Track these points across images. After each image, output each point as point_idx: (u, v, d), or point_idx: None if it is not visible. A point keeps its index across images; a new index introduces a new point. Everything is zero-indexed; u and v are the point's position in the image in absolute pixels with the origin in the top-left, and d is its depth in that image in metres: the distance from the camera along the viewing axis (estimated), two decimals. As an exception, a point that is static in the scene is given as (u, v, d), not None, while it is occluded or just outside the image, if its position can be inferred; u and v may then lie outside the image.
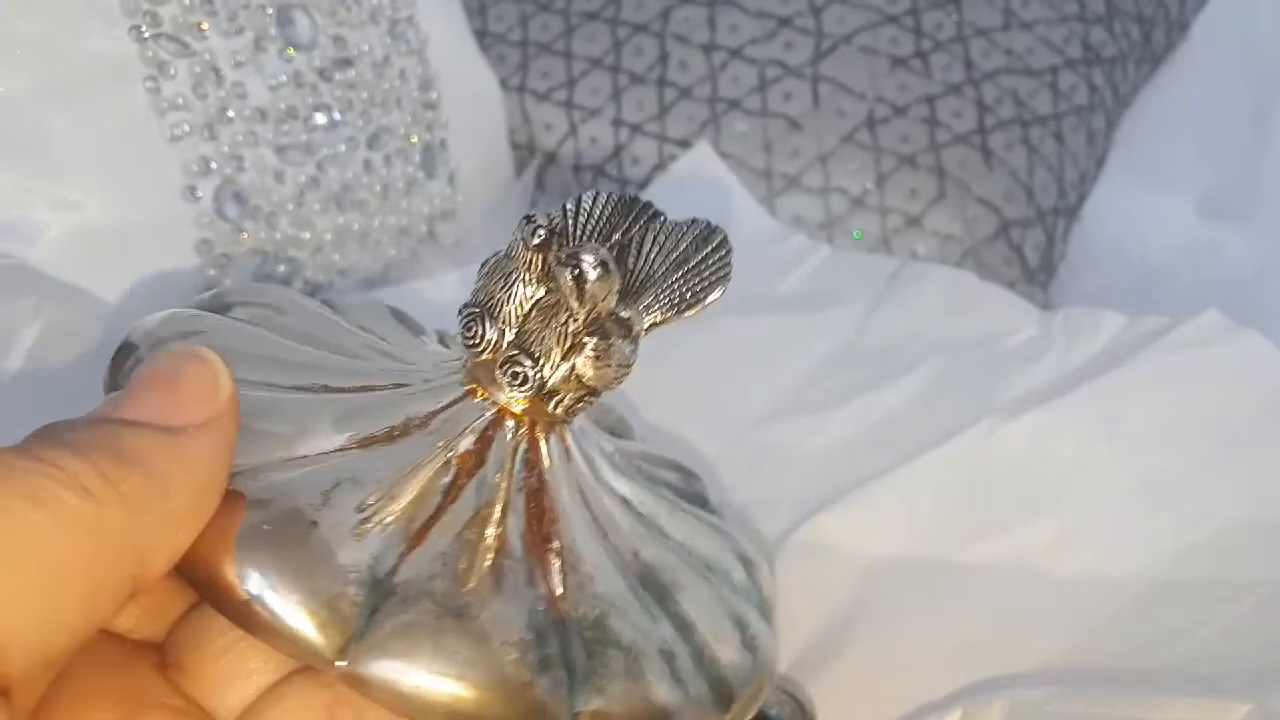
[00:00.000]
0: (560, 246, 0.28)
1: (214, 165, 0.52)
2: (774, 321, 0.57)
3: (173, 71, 0.51)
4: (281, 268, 0.55)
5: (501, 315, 0.28)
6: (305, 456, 0.27)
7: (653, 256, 0.29)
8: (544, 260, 0.28)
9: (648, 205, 0.30)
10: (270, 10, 0.54)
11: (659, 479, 0.35)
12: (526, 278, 0.28)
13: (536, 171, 0.71)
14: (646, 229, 0.30)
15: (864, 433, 0.49)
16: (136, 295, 0.49)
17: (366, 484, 0.26)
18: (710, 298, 0.30)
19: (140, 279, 0.50)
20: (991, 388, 0.50)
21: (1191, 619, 0.41)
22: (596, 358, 0.28)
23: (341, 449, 0.27)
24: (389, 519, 0.26)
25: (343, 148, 0.57)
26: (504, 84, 0.72)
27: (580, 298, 0.27)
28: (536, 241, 0.28)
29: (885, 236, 0.68)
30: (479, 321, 0.28)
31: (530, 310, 0.28)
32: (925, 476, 0.46)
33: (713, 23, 0.72)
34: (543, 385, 0.28)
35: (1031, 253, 0.69)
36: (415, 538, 0.26)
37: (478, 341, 0.28)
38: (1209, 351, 0.47)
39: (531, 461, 0.29)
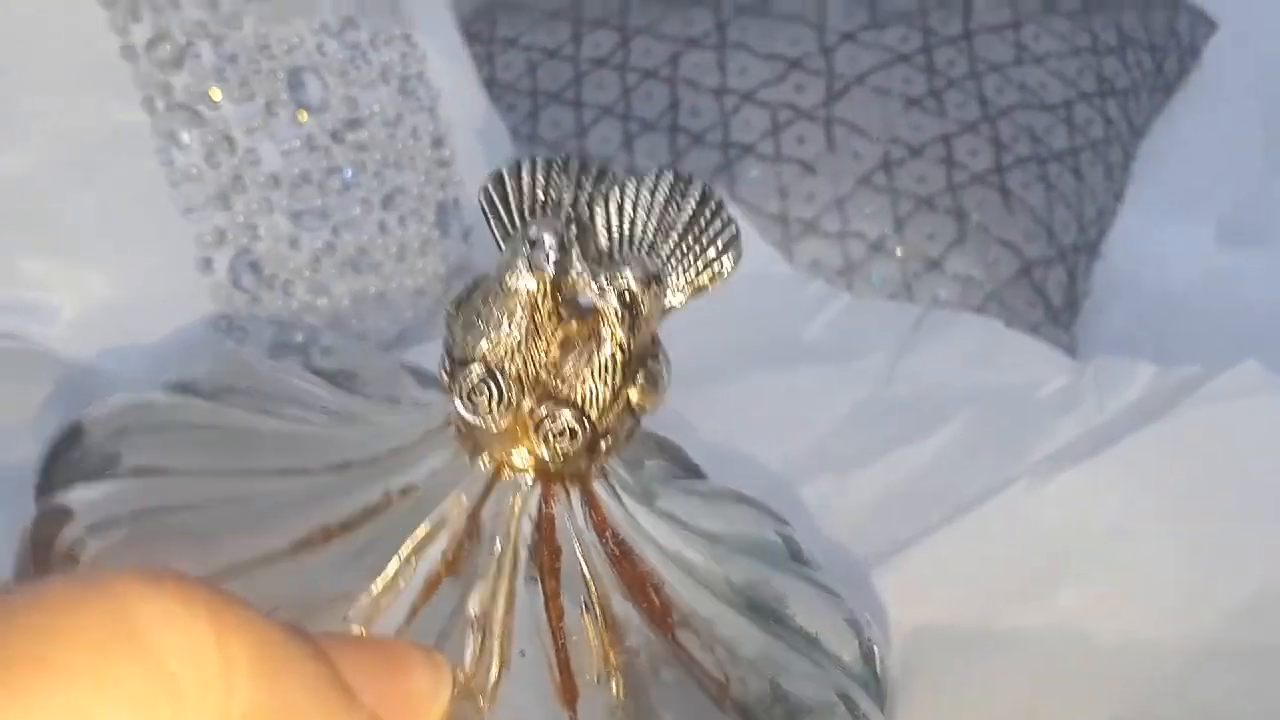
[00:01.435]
0: (583, 270, 0.22)
1: (229, 235, 0.52)
2: (797, 373, 0.56)
3: (185, 141, 0.51)
4: (299, 335, 0.54)
5: (514, 368, 0.22)
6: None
7: (629, 225, 0.23)
8: (560, 289, 0.23)
9: (586, 163, 0.24)
10: (281, 74, 0.54)
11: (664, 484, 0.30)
12: (540, 315, 0.22)
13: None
14: (600, 193, 0.23)
15: (896, 490, 0.48)
16: (153, 372, 0.48)
17: (456, 630, 0.22)
18: (726, 266, 0.23)
19: (157, 355, 0.49)
20: (1025, 442, 0.49)
21: (1240, 686, 0.40)
22: (653, 384, 0.23)
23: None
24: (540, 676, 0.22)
25: (357, 210, 0.56)
26: (514, 134, 0.71)
27: (634, 327, 0.22)
28: (552, 273, 0.22)
29: (906, 281, 0.67)
30: (490, 385, 0.22)
31: (552, 351, 0.23)
32: (964, 540, 0.45)
33: (723, 66, 0.71)
34: (596, 435, 0.23)
35: (1054, 292, 0.68)
36: (566, 691, 0.21)
37: (495, 409, 0.22)
38: (1249, 404, 0.46)
39: (598, 523, 0.24)
